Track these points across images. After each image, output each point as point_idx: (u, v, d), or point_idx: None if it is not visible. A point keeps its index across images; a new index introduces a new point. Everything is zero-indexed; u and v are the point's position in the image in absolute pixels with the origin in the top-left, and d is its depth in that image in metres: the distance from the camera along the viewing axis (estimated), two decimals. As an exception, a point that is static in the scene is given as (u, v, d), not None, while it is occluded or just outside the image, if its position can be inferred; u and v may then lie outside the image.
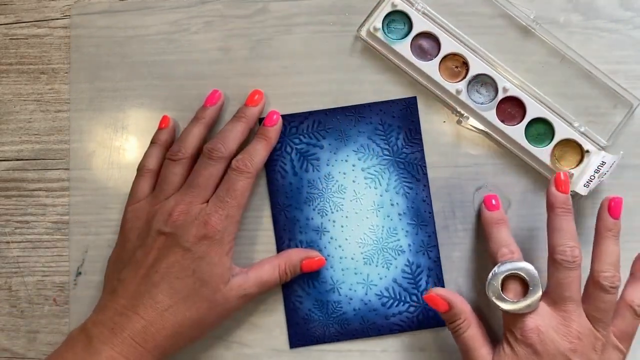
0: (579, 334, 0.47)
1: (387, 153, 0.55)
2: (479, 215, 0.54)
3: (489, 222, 0.52)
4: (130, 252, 0.51)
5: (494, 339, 0.51)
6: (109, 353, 0.47)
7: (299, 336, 0.54)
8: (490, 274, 0.49)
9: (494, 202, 0.53)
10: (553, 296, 0.48)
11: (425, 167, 0.54)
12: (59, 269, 0.55)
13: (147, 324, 0.48)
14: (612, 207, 0.50)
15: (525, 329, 0.48)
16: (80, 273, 0.55)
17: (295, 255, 0.53)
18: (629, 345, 0.49)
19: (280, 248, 0.54)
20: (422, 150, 0.54)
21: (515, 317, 0.48)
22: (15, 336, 0.55)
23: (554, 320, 0.48)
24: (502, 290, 0.49)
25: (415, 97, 0.55)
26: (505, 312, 0.49)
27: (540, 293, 0.48)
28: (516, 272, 0.49)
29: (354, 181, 0.55)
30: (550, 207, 0.49)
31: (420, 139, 0.54)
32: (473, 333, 0.49)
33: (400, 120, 0.55)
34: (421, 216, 0.54)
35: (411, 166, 0.54)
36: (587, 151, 0.53)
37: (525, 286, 0.48)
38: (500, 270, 0.49)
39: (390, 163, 0.54)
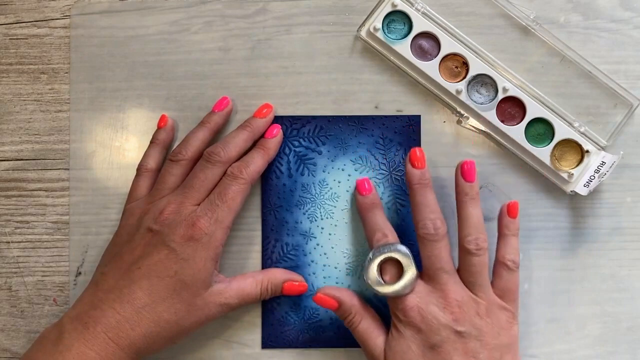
0: (458, 303, 0.48)
1: (384, 167, 0.54)
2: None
3: (362, 207, 0.52)
4: (118, 247, 0.51)
5: None
6: (80, 349, 0.46)
7: (272, 337, 0.54)
8: (366, 261, 0.49)
9: (366, 185, 0.52)
10: (427, 271, 0.49)
11: None
12: (59, 269, 0.55)
13: (122, 320, 0.47)
14: (466, 171, 0.50)
15: (406, 309, 0.48)
16: (80, 273, 0.55)
17: (279, 275, 0.52)
18: (516, 303, 0.50)
19: (265, 248, 0.54)
20: None
21: (396, 300, 0.49)
22: (15, 336, 0.55)
23: (433, 295, 0.48)
24: (381, 274, 0.49)
25: (419, 116, 0.54)
26: (386, 296, 0.49)
27: (414, 272, 0.48)
28: (390, 255, 0.49)
29: (347, 191, 0.54)
30: (409, 184, 0.50)
31: None
32: (366, 325, 0.50)
33: (402, 137, 0.54)
34: (410, 235, 0.53)
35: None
36: (587, 151, 0.53)
37: (402, 268, 0.49)
38: (375, 255, 0.49)
39: (386, 178, 0.54)
